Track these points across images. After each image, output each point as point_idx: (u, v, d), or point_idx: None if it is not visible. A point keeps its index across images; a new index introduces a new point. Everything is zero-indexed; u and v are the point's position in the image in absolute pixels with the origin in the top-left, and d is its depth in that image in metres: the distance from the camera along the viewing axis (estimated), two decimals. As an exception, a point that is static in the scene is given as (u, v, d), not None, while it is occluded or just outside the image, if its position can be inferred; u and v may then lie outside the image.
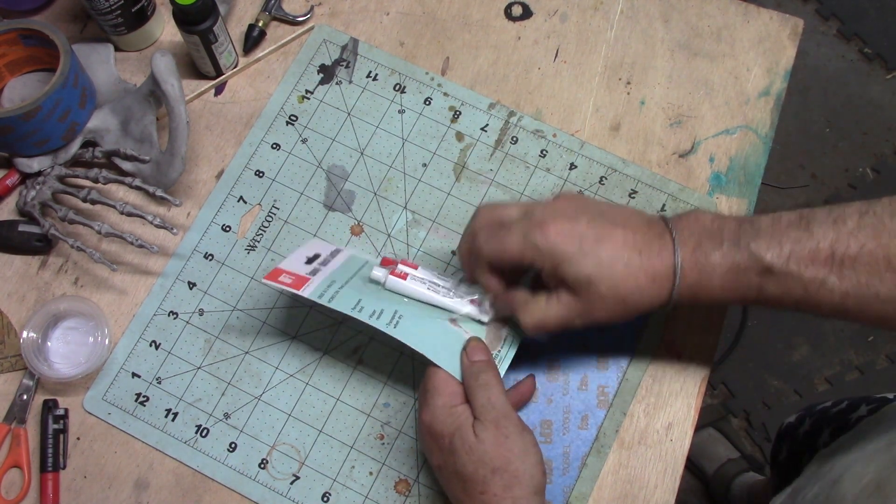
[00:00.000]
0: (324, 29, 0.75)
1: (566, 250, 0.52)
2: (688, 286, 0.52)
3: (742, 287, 0.51)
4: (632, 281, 0.52)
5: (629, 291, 0.52)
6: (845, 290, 0.49)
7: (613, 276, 0.51)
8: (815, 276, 0.49)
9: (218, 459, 0.62)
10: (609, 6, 0.76)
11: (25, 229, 0.67)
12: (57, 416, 0.63)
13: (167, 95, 0.64)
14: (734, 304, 0.54)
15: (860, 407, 0.74)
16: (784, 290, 0.50)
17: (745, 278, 0.51)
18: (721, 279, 0.51)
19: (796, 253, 0.50)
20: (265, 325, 0.66)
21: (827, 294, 0.49)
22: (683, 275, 0.52)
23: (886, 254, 0.48)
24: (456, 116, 0.72)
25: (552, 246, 0.52)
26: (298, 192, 0.70)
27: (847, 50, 1.59)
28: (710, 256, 0.51)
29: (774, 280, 0.50)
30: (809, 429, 0.81)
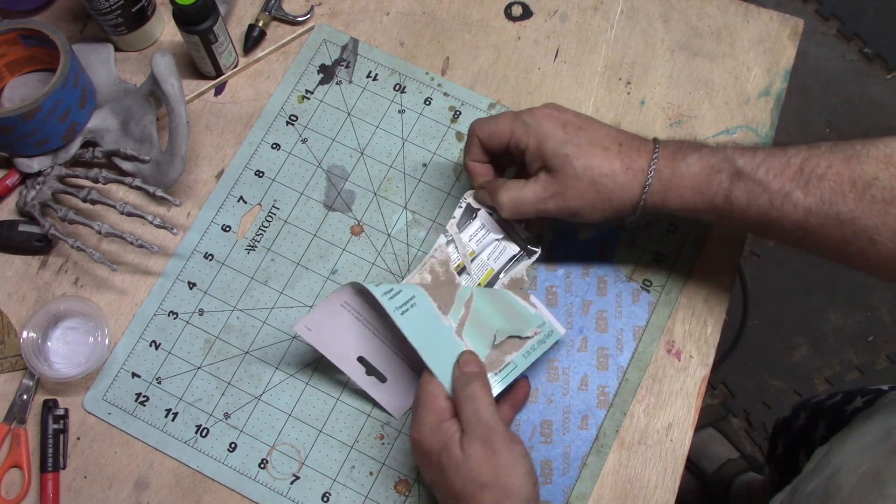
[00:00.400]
0: (324, 29, 0.75)
1: (551, 130, 0.56)
2: (660, 182, 0.54)
3: (712, 188, 0.53)
4: (607, 165, 0.54)
5: (603, 174, 0.54)
6: (808, 206, 0.51)
7: (591, 157, 0.55)
8: (782, 188, 0.51)
9: (218, 459, 0.62)
10: (609, 6, 0.76)
11: (25, 229, 0.67)
12: (57, 416, 0.63)
13: (167, 95, 0.64)
14: (700, 213, 0.55)
15: (855, 398, 0.74)
16: (750, 198, 0.52)
17: (715, 180, 0.53)
18: (693, 179, 0.54)
19: (767, 163, 0.52)
20: (265, 325, 0.66)
21: (791, 208, 0.51)
22: (658, 169, 0.54)
23: (852, 175, 0.50)
24: (456, 116, 0.72)
25: (538, 124, 0.56)
26: (298, 192, 0.70)
27: (847, 50, 1.59)
28: (687, 157, 0.54)
29: (743, 185, 0.52)
30: (805, 423, 0.81)
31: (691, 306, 0.66)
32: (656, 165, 0.54)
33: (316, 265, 0.67)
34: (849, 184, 0.50)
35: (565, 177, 0.55)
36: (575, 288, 0.66)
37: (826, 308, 1.42)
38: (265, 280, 0.67)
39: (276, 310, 0.66)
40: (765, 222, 0.53)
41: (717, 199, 0.54)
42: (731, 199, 0.53)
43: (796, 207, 0.51)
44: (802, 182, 0.51)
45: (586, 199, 0.55)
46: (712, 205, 0.54)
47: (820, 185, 0.50)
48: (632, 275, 0.66)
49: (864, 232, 0.50)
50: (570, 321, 0.65)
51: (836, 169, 0.50)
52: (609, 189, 0.55)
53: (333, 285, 0.67)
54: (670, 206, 0.55)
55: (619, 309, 0.65)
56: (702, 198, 0.54)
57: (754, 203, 0.52)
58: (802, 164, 0.51)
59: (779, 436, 0.88)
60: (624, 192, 0.55)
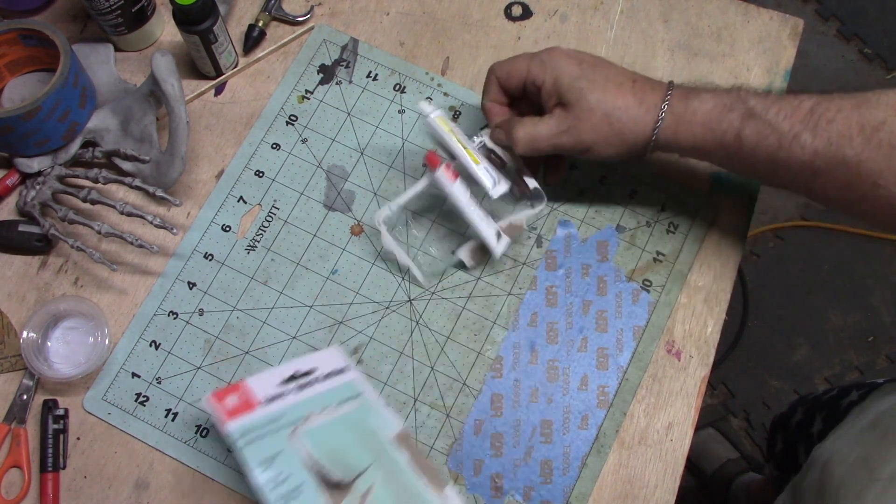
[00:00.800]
0: (324, 29, 0.75)
1: (567, 66, 0.57)
2: (672, 117, 0.55)
3: (723, 126, 0.54)
4: (620, 99, 0.56)
5: (616, 107, 0.55)
6: (816, 148, 0.51)
7: (605, 91, 0.56)
8: (791, 129, 0.52)
9: (218, 459, 0.62)
10: (609, 6, 0.76)
11: (25, 229, 0.67)
12: (57, 416, 0.63)
13: (167, 95, 0.64)
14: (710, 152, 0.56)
15: (851, 392, 0.74)
16: (760, 137, 0.53)
17: (727, 118, 0.54)
18: (705, 115, 0.55)
19: (779, 104, 0.53)
20: (265, 325, 0.66)
21: (798, 149, 0.52)
22: (671, 105, 0.55)
23: (861, 120, 0.50)
24: (456, 116, 0.72)
25: (555, 61, 0.57)
26: (298, 192, 0.70)
27: (847, 50, 1.59)
28: (700, 94, 0.55)
29: (753, 125, 0.53)
30: (802, 418, 0.82)
31: (691, 306, 0.66)
32: (669, 101, 0.55)
33: (316, 265, 0.67)
34: (857, 128, 0.50)
35: (580, 110, 0.56)
36: (575, 288, 0.66)
37: (826, 308, 1.42)
38: (265, 280, 0.67)
39: (276, 310, 0.66)
40: (772, 163, 0.53)
41: (727, 136, 0.54)
42: (740, 138, 0.54)
43: (804, 149, 0.52)
44: (812, 124, 0.51)
45: (599, 132, 0.56)
46: (722, 143, 0.55)
47: (829, 127, 0.51)
48: (632, 275, 0.66)
49: (869, 175, 0.50)
50: (570, 321, 0.65)
51: (845, 113, 0.51)
52: (622, 122, 0.56)
53: (333, 285, 0.67)
54: (681, 142, 0.56)
55: (619, 309, 0.65)
56: (712, 135, 0.55)
57: (763, 143, 0.53)
58: (813, 108, 0.52)
59: (777, 432, 0.88)
60: (636, 126, 0.56)
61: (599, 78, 0.56)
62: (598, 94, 0.56)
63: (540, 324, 0.65)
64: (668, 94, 0.56)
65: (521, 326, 0.65)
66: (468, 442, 0.63)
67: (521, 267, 0.67)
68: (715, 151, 0.56)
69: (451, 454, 0.62)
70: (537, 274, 0.67)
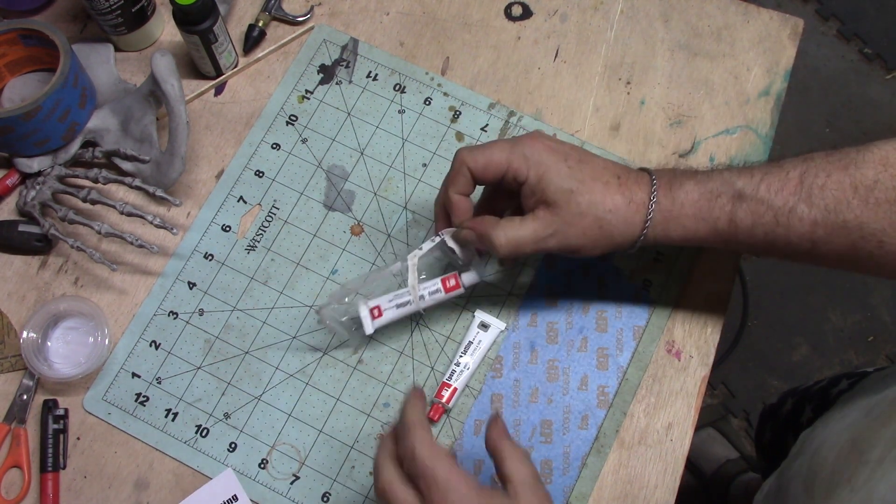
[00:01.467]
0: (324, 29, 0.75)
1: (553, 163, 0.53)
2: (661, 214, 0.53)
3: (714, 213, 0.53)
4: (609, 200, 0.53)
5: (607, 210, 0.53)
6: (814, 218, 0.50)
7: (594, 192, 0.53)
8: (786, 203, 0.51)
9: (218, 459, 0.62)
10: (609, 6, 0.76)
11: (25, 229, 0.67)
12: (57, 416, 0.63)
13: (167, 95, 0.64)
14: (703, 240, 0.54)
15: (841, 381, 0.75)
16: (755, 217, 0.52)
17: (717, 204, 0.53)
18: (694, 207, 0.53)
19: (767, 180, 0.52)
20: (265, 325, 0.66)
21: (797, 222, 0.51)
22: (658, 201, 0.53)
23: (853, 181, 0.50)
24: (456, 116, 0.72)
25: (538, 155, 0.54)
26: (298, 192, 0.70)
27: (847, 50, 1.59)
28: (684, 185, 0.54)
29: (745, 206, 0.52)
30: (791, 408, 0.82)
31: (691, 306, 0.66)
32: (655, 197, 0.53)
33: (316, 265, 0.67)
34: (851, 190, 0.50)
35: (568, 213, 0.53)
36: (575, 288, 0.66)
37: (826, 308, 1.42)
38: (265, 280, 0.67)
39: (276, 310, 0.66)
40: (770, 241, 0.52)
41: (720, 223, 0.53)
42: (735, 222, 0.52)
43: (802, 221, 0.51)
44: (805, 195, 0.51)
45: (589, 235, 0.53)
46: (715, 230, 0.53)
47: (823, 195, 0.50)
48: (632, 275, 0.66)
49: (873, 235, 0.50)
50: (570, 321, 0.65)
51: (835, 178, 0.50)
52: (612, 225, 0.53)
53: (333, 285, 0.67)
54: (672, 236, 0.54)
55: (619, 309, 0.65)
56: (704, 224, 0.53)
57: (759, 222, 0.52)
58: (802, 177, 0.51)
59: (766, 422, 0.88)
60: (626, 228, 0.54)
61: (587, 177, 0.53)
62: (588, 196, 0.53)
63: (540, 324, 0.65)
64: (654, 189, 0.54)
65: (521, 326, 0.65)
66: (468, 442, 0.63)
67: (521, 267, 0.67)
68: (708, 239, 0.54)
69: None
70: (537, 274, 0.67)
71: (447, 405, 0.62)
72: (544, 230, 0.53)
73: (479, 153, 0.55)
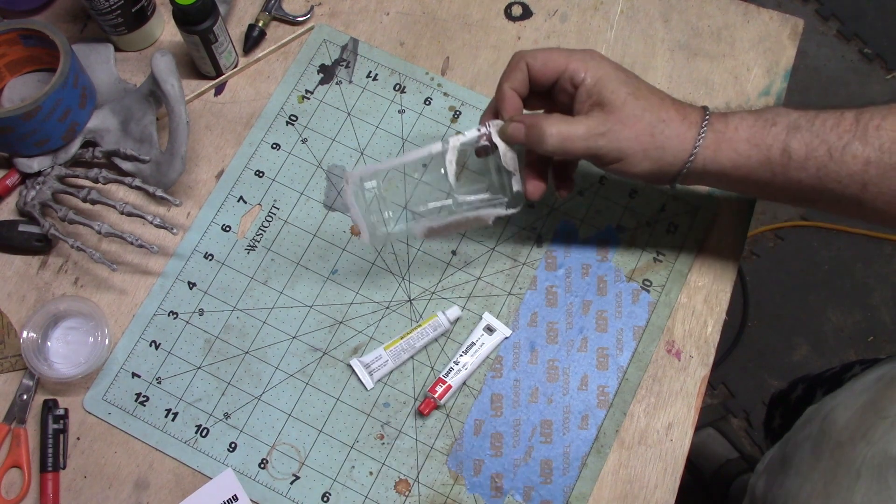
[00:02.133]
0: (324, 29, 0.75)
1: (610, 69, 0.54)
2: (714, 134, 0.53)
3: (767, 140, 0.52)
4: (664, 112, 0.53)
5: (661, 119, 0.53)
6: (867, 157, 0.50)
7: (650, 99, 0.53)
8: (840, 139, 0.50)
9: (218, 459, 0.62)
10: (609, 6, 0.76)
11: (25, 229, 0.67)
12: (57, 416, 0.63)
13: (167, 95, 0.64)
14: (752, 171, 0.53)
15: (854, 367, 0.74)
16: (809, 149, 0.51)
17: (772, 132, 0.52)
18: (748, 131, 0.52)
19: (822, 116, 0.51)
20: (265, 325, 0.66)
21: (850, 159, 0.50)
22: (711, 122, 0.53)
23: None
24: (456, 116, 0.72)
25: (597, 61, 0.54)
26: (298, 192, 0.70)
27: (847, 50, 1.59)
28: (737, 113, 0.53)
29: (800, 136, 0.51)
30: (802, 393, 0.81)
31: (691, 306, 0.66)
32: (709, 119, 0.53)
33: (316, 265, 0.67)
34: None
35: (623, 114, 0.52)
36: (575, 288, 0.66)
37: (826, 308, 1.42)
38: (265, 280, 0.67)
39: (276, 310, 0.66)
40: (821, 177, 0.51)
41: (773, 151, 0.52)
42: (788, 152, 0.51)
43: (855, 159, 0.50)
44: (860, 133, 0.50)
45: (640, 141, 0.53)
46: (768, 158, 0.52)
47: (878, 134, 0.50)
48: (632, 275, 0.66)
49: None
50: (570, 321, 0.65)
51: (891, 120, 0.50)
52: (664, 136, 0.53)
53: (333, 285, 0.67)
54: (722, 161, 0.53)
55: (619, 309, 0.65)
56: (756, 151, 0.52)
57: (812, 155, 0.51)
58: (857, 117, 0.50)
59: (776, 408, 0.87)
60: (678, 142, 0.53)
61: (644, 88, 0.54)
62: (643, 101, 0.53)
63: (540, 324, 0.65)
64: (707, 113, 0.54)
65: (521, 326, 0.65)
66: (468, 442, 0.63)
67: (521, 267, 0.67)
68: (757, 170, 0.53)
69: (451, 454, 0.62)
70: (537, 274, 0.67)
71: (438, 401, 0.62)
72: (597, 127, 0.52)
73: (539, 52, 0.55)
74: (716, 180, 0.56)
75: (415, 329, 0.64)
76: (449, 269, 0.67)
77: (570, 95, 0.55)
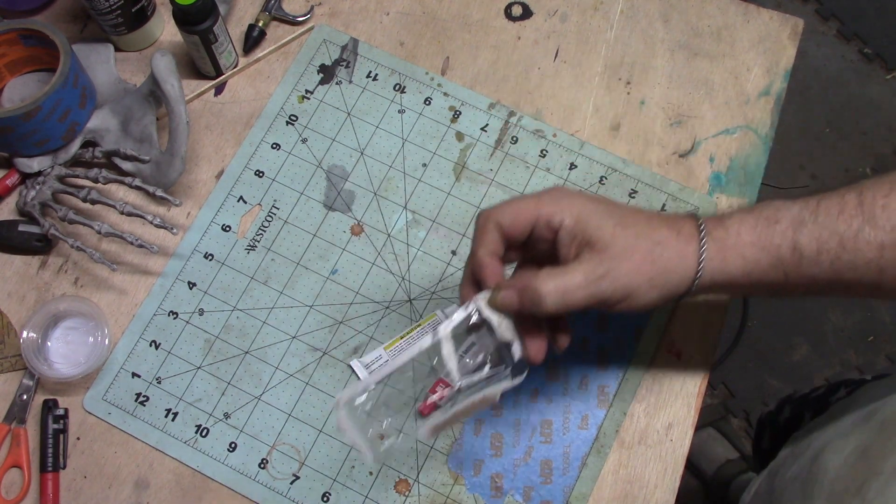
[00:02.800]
0: (324, 29, 0.75)
1: (585, 202, 0.49)
2: (716, 244, 0.48)
3: (775, 239, 0.48)
4: (656, 233, 0.48)
5: (656, 242, 0.48)
6: (881, 241, 0.46)
7: (638, 225, 0.48)
8: (850, 227, 0.47)
9: (218, 459, 0.62)
10: (609, 6, 0.76)
11: (25, 229, 0.67)
12: (57, 416, 0.63)
13: (167, 95, 0.64)
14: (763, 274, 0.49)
15: (839, 389, 0.74)
16: (820, 243, 0.47)
17: (777, 230, 0.48)
18: (751, 233, 0.48)
19: (823, 204, 0.48)
20: (265, 325, 0.66)
21: (864, 246, 0.46)
22: (709, 231, 0.49)
23: None
24: (456, 116, 0.72)
25: (570, 198, 0.49)
26: (298, 192, 0.70)
27: (847, 50, 1.59)
28: (733, 215, 0.49)
29: (808, 231, 0.47)
30: (790, 416, 0.81)
31: (691, 306, 0.66)
32: (705, 227, 0.49)
33: (316, 265, 0.67)
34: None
35: (616, 249, 0.47)
36: (575, 288, 0.66)
37: (826, 308, 1.42)
38: (265, 280, 0.67)
39: (276, 310, 0.66)
40: (836, 270, 0.47)
41: (783, 251, 0.48)
42: (799, 249, 0.47)
43: (869, 245, 0.46)
44: (867, 216, 0.46)
45: (643, 272, 0.47)
46: (779, 259, 0.48)
47: (886, 215, 0.46)
48: (632, 275, 0.66)
49: None
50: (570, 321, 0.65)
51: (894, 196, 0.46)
52: (665, 259, 0.48)
53: (333, 285, 0.67)
54: (731, 270, 0.49)
55: (619, 309, 0.65)
56: (765, 254, 0.48)
57: (824, 248, 0.47)
58: (860, 198, 0.47)
59: (764, 430, 0.87)
60: (681, 262, 0.48)
61: (627, 214, 0.49)
62: (632, 229, 0.48)
63: (540, 324, 0.65)
64: (701, 221, 0.49)
65: (521, 326, 0.65)
66: (468, 442, 0.63)
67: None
68: (769, 273, 0.48)
69: (451, 454, 0.62)
70: (537, 274, 0.67)
71: (438, 402, 0.62)
72: (594, 271, 0.47)
73: (505, 206, 0.50)
74: (726, 289, 0.51)
75: (414, 329, 0.64)
76: (449, 269, 0.67)
77: (549, 242, 0.50)
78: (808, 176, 1.51)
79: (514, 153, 0.70)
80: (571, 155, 0.70)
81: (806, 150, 1.53)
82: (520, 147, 0.71)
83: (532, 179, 0.70)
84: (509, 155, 0.70)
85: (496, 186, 0.69)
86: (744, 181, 0.69)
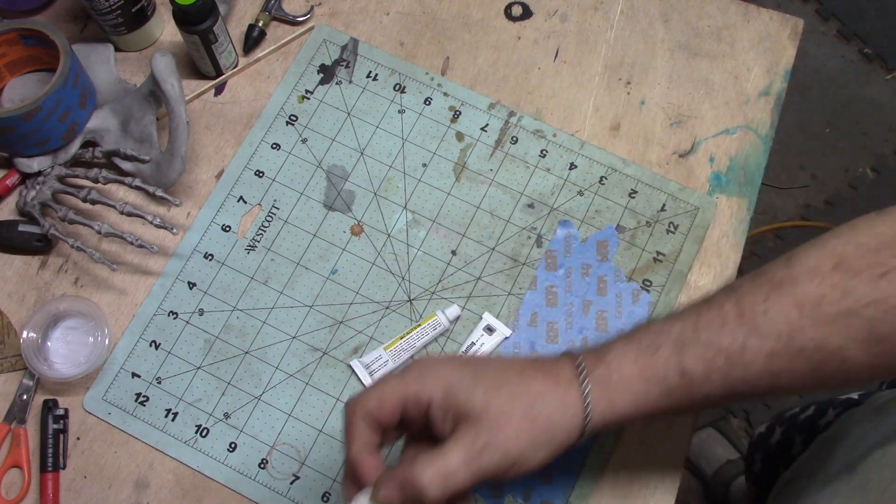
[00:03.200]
0: (324, 29, 0.75)
1: (451, 370, 0.46)
2: (599, 385, 0.46)
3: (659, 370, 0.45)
4: (533, 386, 0.45)
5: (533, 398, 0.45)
6: (769, 350, 0.44)
7: (511, 383, 0.45)
8: (734, 340, 0.44)
9: (218, 459, 0.62)
10: (609, 6, 0.76)
11: (25, 229, 0.67)
12: (57, 416, 0.63)
13: (167, 95, 0.64)
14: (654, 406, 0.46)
15: (827, 412, 0.74)
16: (706, 363, 0.45)
17: (660, 358, 0.45)
18: (634, 366, 0.46)
19: (704, 321, 0.45)
20: (265, 325, 0.66)
21: (752, 358, 0.44)
22: (589, 371, 0.46)
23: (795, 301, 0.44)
24: (456, 116, 0.72)
25: (435, 370, 0.46)
26: (298, 192, 0.70)
27: (847, 50, 1.59)
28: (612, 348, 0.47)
29: (692, 352, 0.45)
30: (781, 438, 0.81)
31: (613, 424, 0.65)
32: (585, 366, 0.46)
33: (316, 265, 0.67)
34: (796, 311, 0.44)
35: (491, 415, 0.44)
36: (575, 288, 0.66)
37: (826, 308, 1.42)
38: (265, 280, 0.67)
39: (276, 310, 0.66)
40: (729, 385, 0.45)
41: (670, 378, 0.45)
42: (686, 373, 0.45)
43: (757, 356, 0.44)
44: (749, 326, 0.44)
45: (524, 435, 0.44)
46: (668, 388, 0.45)
47: (767, 321, 0.44)
48: (632, 275, 0.66)
49: (833, 354, 0.44)
50: (570, 321, 0.65)
51: (773, 300, 0.44)
52: (545, 415, 0.44)
53: (333, 285, 0.67)
54: (621, 408, 0.46)
55: (619, 309, 0.65)
56: (653, 384, 0.45)
57: (713, 367, 0.45)
58: (739, 308, 0.45)
59: (756, 452, 0.87)
60: (563, 413, 0.45)
61: (497, 371, 0.46)
62: (505, 389, 0.44)
63: (540, 324, 0.65)
64: (579, 360, 0.46)
65: (521, 326, 0.65)
66: (468, 442, 0.63)
67: (521, 267, 0.67)
68: (661, 402, 0.46)
69: (451, 454, 0.62)
70: (537, 274, 0.67)
71: None
72: (472, 445, 0.43)
73: (370, 392, 0.46)
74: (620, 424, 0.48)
75: (414, 329, 0.64)
76: (449, 269, 0.67)
77: (423, 421, 0.46)
78: (808, 176, 1.51)
79: (514, 153, 0.70)
80: (571, 155, 0.70)
81: (806, 150, 1.53)
82: (520, 147, 0.71)
83: (532, 180, 0.70)
84: (509, 155, 0.70)
85: (496, 186, 0.69)
86: (744, 181, 0.69)
